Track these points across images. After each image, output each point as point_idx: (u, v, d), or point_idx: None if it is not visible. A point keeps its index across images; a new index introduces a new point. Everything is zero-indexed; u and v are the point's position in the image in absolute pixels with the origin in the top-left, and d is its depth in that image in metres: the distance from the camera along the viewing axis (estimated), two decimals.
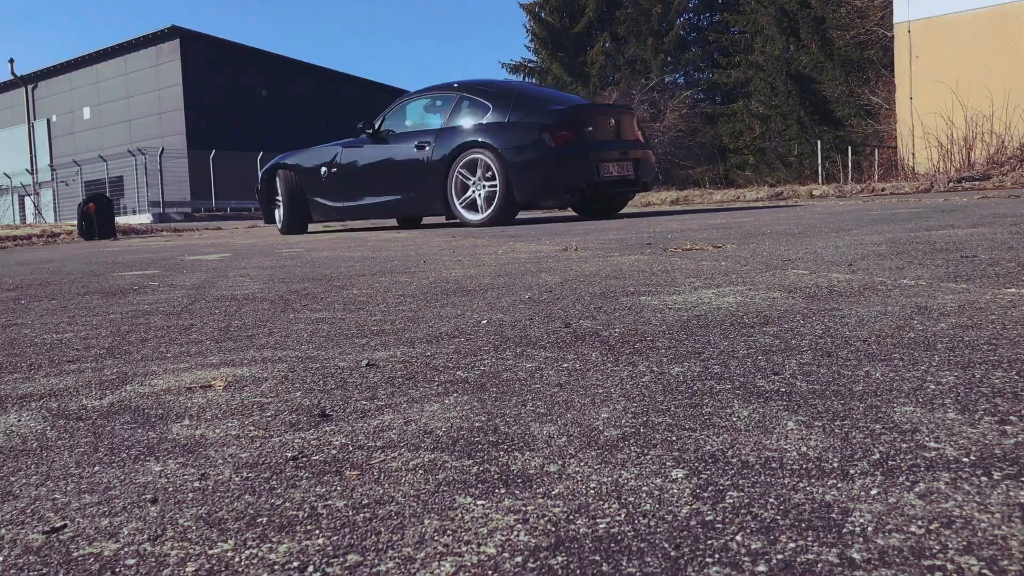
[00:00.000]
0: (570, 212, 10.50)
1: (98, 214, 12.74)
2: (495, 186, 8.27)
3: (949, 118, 14.42)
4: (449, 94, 9.08)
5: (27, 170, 37.38)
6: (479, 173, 8.39)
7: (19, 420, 1.56)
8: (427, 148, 8.73)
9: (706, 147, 27.89)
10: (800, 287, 2.70)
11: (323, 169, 9.62)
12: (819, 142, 21.69)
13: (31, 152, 39.97)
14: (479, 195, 8.42)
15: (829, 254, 3.69)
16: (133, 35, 35.27)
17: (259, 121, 34.72)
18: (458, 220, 8.74)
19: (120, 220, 16.37)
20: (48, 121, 39.53)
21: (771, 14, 27.12)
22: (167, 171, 29.54)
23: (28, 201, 36.69)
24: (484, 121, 8.53)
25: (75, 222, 14.78)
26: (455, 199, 8.52)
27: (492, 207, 8.33)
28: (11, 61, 41.95)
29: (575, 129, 8.29)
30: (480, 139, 8.37)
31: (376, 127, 9.40)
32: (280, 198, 10.06)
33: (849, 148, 20.05)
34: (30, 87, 40.00)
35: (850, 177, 17.94)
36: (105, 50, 36.21)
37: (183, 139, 33.31)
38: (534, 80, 34.26)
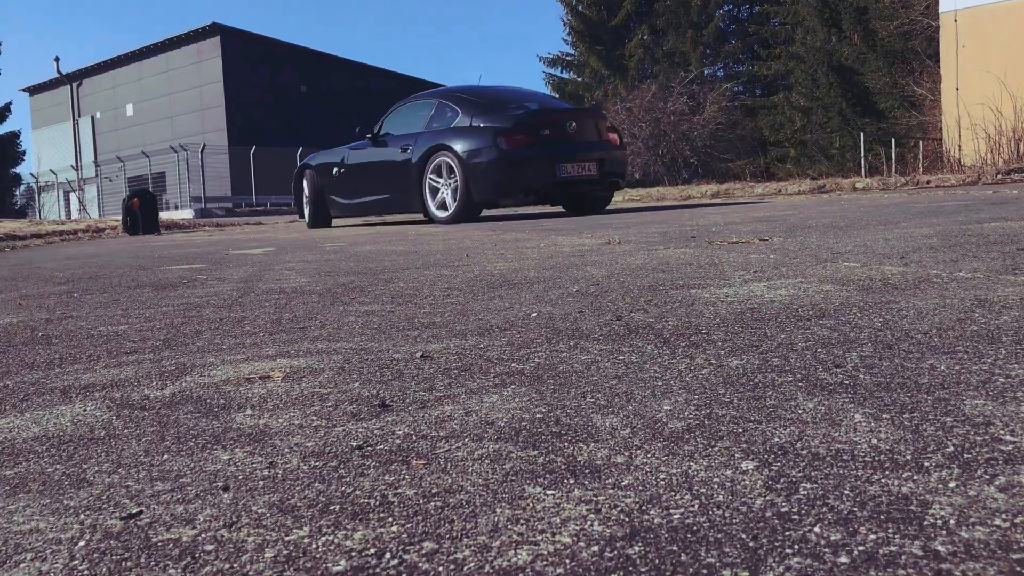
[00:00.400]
0: (560, 209, 10.87)
1: (142, 209, 12.94)
2: (457, 186, 8.91)
3: (997, 108, 14.13)
4: (431, 100, 9.89)
5: (72, 166, 38.00)
6: (445, 174, 9.07)
7: (84, 410, 1.59)
8: (408, 151, 9.50)
9: (746, 140, 27.59)
10: (853, 280, 2.67)
11: (334, 169, 10.56)
12: (862, 134, 21.39)
13: (76, 148, 40.67)
14: (445, 194, 9.09)
15: (879, 247, 3.63)
16: (174, 32, 35.73)
17: (297, 116, 35.02)
18: (434, 217, 9.35)
19: (163, 215, 16.60)
20: (92, 118, 40.19)
21: (812, 5, 26.76)
22: (208, 167, 29.87)
23: (73, 197, 37.35)
24: (452, 126, 9.26)
25: (119, 217, 15.01)
26: (428, 197, 9.23)
27: (455, 206, 8.96)
28: (56, 59, 42.77)
29: (530, 133, 8.82)
30: (445, 143, 9.05)
31: (375, 131, 10.23)
32: (307, 195, 11.06)
33: (893, 140, 19.73)
34: (75, 84, 40.68)
35: (894, 170, 17.67)
36: (147, 47, 36.71)
37: (224, 135, 33.68)
38: (571, 73, 34.17)
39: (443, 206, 9.11)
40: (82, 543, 0.95)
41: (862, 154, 20.21)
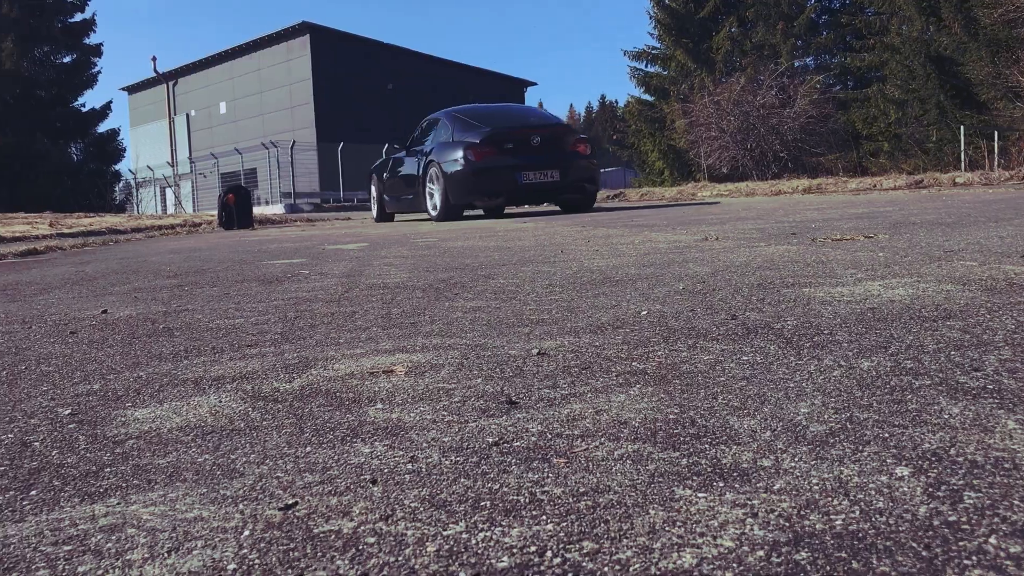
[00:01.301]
0: (556, 208, 12.99)
1: (237, 204, 13.30)
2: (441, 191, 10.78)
3: None
4: (439, 117, 11.71)
5: (168, 163, 39.35)
6: (435, 181, 10.85)
7: (220, 401, 1.64)
8: (419, 160, 11.45)
9: (838, 134, 26.82)
10: (973, 279, 2.57)
11: (384, 175, 12.85)
12: (961, 127, 20.62)
13: (172, 145, 42.06)
14: (436, 197, 10.87)
15: (994, 245, 3.50)
16: (265, 32, 36.60)
17: (382, 113, 35.50)
18: (430, 215, 11.21)
19: (255, 210, 17.03)
20: (187, 116, 41.49)
21: None
22: (298, 163, 30.55)
23: (169, 192, 38.66)
24: (441, 140, 11.05)
25: (214, 212, 15.46)
26: (427, 199, 11.11)
27: (440, 207, 10.75)
28: (154, 59, 44.22)
29: (495, 146, 10.42)
30: (435, 155, 10.92)
31: (407, 143, 12.37)
32: (374, 195, 13.36)
33: (995, 133, 18.96)
34: (171, 83, 42.05)
35: (997, 164, 16.98)
36: (239, 47, 37.72)
37: (312, 132, 34.38)
38: (656, 67, 33.82)
39: (434, 206, 10.92)
40: (246, 532, 0.98)
41: (962, 148, 19.49)
